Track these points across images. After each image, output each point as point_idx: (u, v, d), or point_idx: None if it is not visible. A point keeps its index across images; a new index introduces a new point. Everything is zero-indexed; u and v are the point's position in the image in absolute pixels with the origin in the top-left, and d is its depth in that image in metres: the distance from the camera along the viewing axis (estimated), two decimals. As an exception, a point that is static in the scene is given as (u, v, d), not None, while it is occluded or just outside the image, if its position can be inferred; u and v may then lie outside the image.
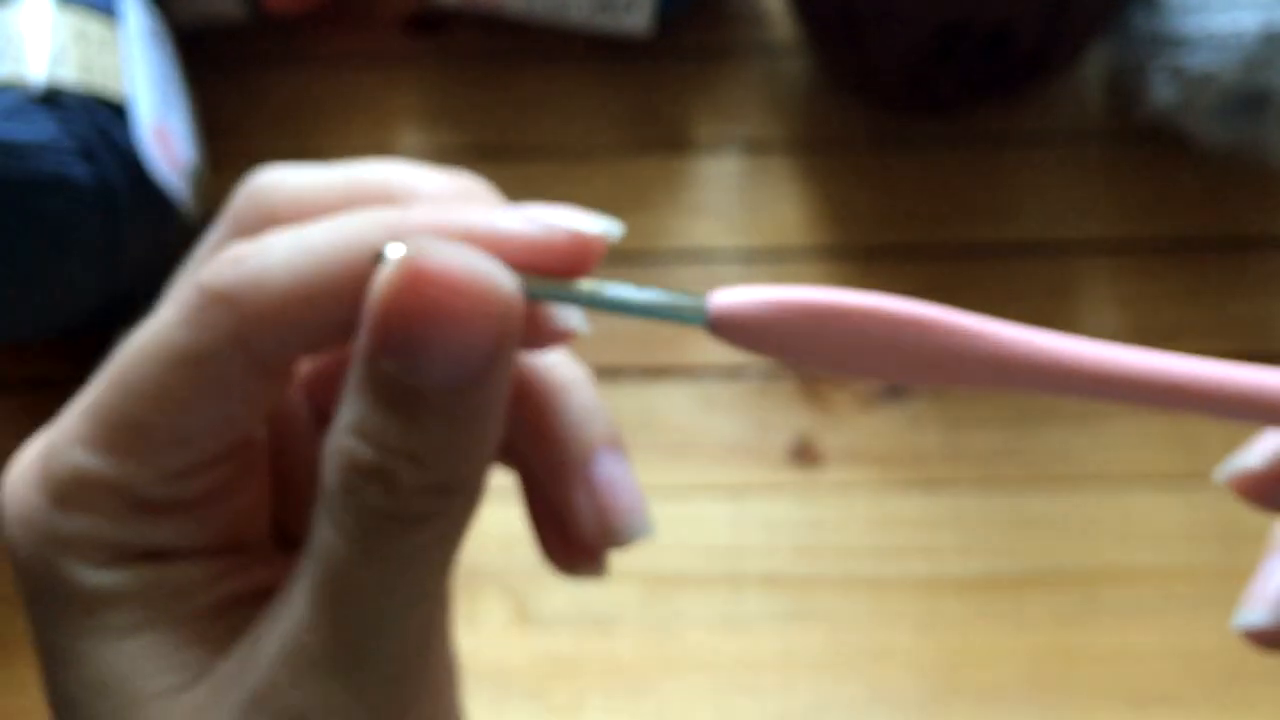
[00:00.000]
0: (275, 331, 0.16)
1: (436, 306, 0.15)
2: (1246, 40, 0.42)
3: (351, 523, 0.16)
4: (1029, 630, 0.42)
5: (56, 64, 0.41)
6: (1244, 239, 0.48)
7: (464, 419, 0.16)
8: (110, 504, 0.17)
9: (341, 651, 0.16)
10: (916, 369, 0.17)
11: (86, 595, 0.17)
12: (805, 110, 0.52)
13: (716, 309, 0.16)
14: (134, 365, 0.16)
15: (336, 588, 0.16)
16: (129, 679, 0.17)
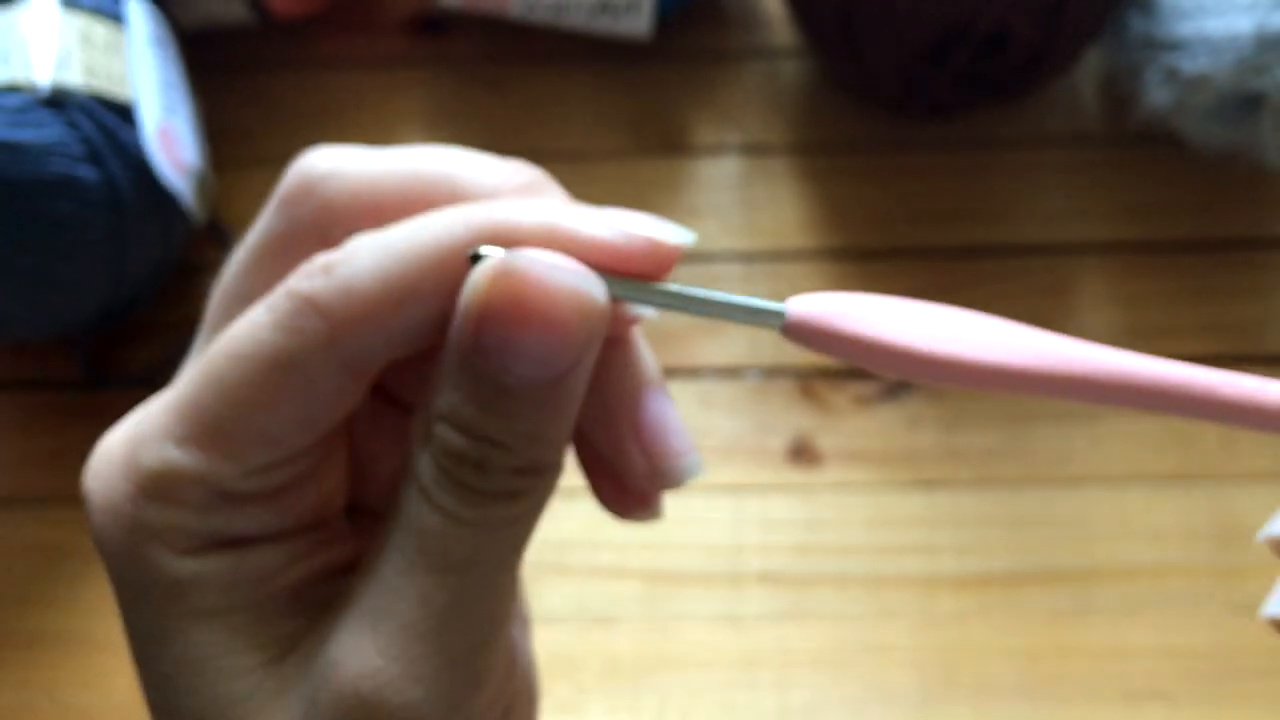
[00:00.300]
0: (365, 337, 0.17)
1: (532, 312, 0.16)
2: (1241, 43, 0.42)
3: (446, 499, 0.17)
4: (1025, 627, 0.42)
5: (62, 67, 0.41)
6: (1238, 240, 0.48)
7: (548, 411, 0.17)
8: (197, 496, 0.17)
9: (430, 619, 0.17)
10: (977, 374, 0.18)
11: (172, 581, 0.18)
12: (804, 113, 0.52)
13: (793, 315, 0.17)
14: (227, 365, 0.17)
15: (428, 559, 0.17)
16: (219, 656, 0.18)
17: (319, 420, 0.18)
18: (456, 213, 0.17)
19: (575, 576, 0.43)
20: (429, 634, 0.17)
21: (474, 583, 0.17)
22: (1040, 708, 0.41)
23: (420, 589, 0.17)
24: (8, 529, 0.45)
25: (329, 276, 0.17)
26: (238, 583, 0.18)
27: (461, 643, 0.17)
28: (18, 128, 0.40)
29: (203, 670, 0.18)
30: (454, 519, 0.17)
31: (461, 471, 0.17)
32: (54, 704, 0.42)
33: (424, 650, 0.17)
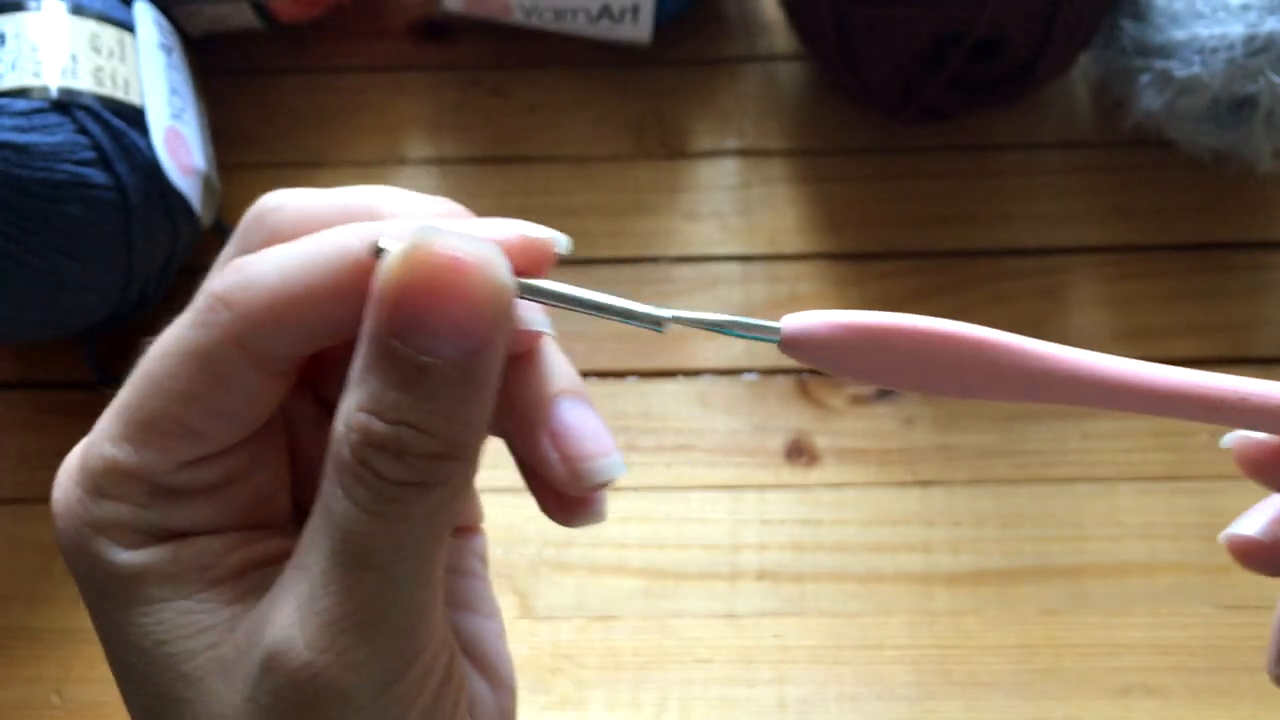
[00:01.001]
0: (268, 330, 0.18)
1: (444, 285, 0.17)
2: (1232, 48, 0.43)
3: (365, 492, 0.17)
4: (1018, 623, 0.42)
5: (70, 71, 0.41)
6: (1229, 243, 0.49)
7: (467, 389, 0.17)
8: (136, 491, 0.19)
9: (356, 610, 0.18)
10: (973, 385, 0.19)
11: (122, 572, 0.19)
12: (801, 117, 0.52)
13: (789, 331, 0.18)
14: (153, 365, 0.19)
15: (352, 552, 0.17)
16: (169, 642, 0.19)
17: (239, 413, 0.19)
18: (354, 226, 0.18)
19: (576, 573, 0.44)
20: (356, 626, 0.18)
21: (396, 576, 0.18)
22: (1033, 701, 0.41)
23: (344, 583, 0.18)
24: (17, 527, 0.45)
25: (237, 274, 0.18)
26: (180, 571, 0.19)
27: (389, 630, 0.18)
28: (27, 131, 0.40)
29: (155, 658, 0.19)
30: (374, 514, 0.17)
31: (381, 461, 0.17)
32: (63, 700, 0.43)
33: (351, 641, 0.18)
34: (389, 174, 0.52)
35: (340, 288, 0.18)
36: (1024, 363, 0.19)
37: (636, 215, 0.50)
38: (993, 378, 0.19)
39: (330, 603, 0.17)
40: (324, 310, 0.18)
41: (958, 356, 0.18)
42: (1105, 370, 0.19)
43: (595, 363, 0.47)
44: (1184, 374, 0.19)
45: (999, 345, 0.19)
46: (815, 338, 0.18)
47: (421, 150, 0.52)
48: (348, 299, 0.18)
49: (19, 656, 0.43)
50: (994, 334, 0.19)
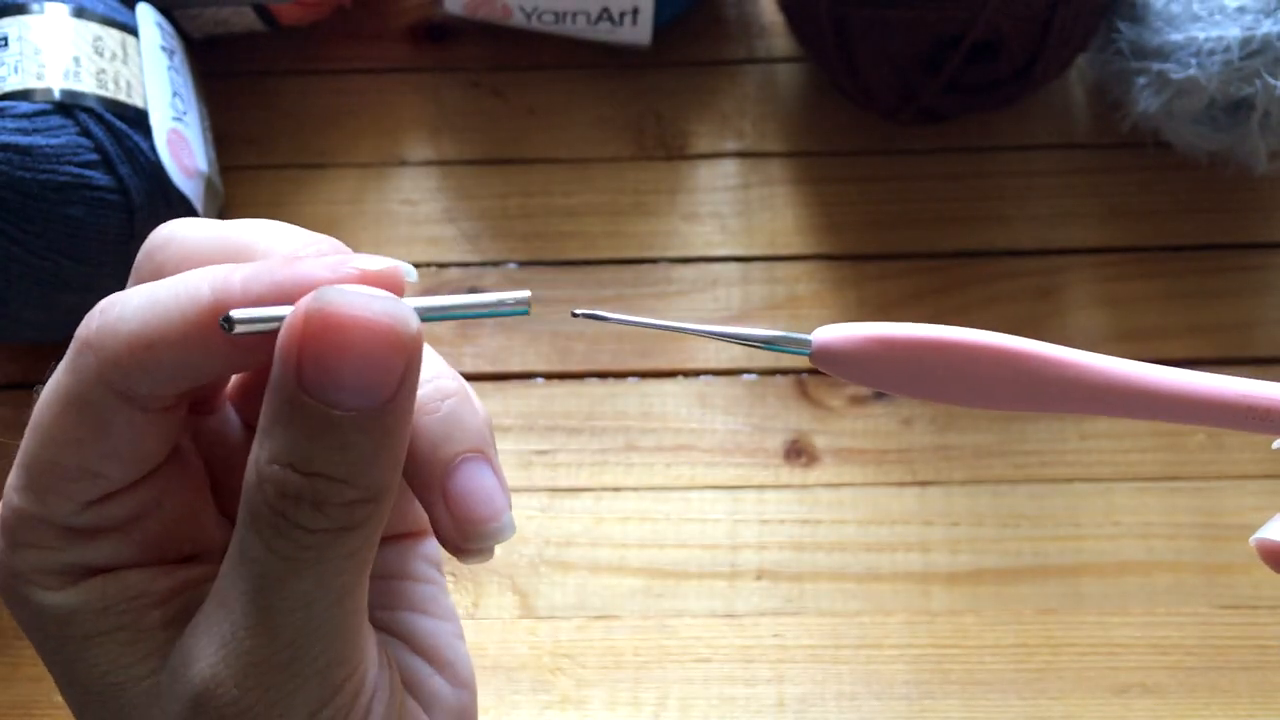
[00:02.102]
0: (131, 372, 0.18)
1: (349, 341, 0.17)
2: (1229, 50, 0.43)
3: (284, 542, 0.17)
4: (1016, 622, 0.43)
5: (74, 74, 0.42)
6: (1226, 244, 0.49)
7: (379, 436, 0.17)
8: (49, 536, 0.19)
9: (282, 649, 0.18)
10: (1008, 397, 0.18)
11: (53, 614, 0.19)
12: (800, 119, 0.52)
13: (820, 344, 0.18)
14: (39, 414, 0.19)
15: (272, 597, 0.18)
16: (110, 672, 0.19)
17: (124, 453, 0.19)
18: (208, 271, 0.18)
19: (577, 572, 0.44)
20: (281, 664, 0.18)
21: (319, 614, 0.18)
22: (1031, 700, 0.41)
23: (267, 625, 0.18)
24: (20, 526, 0.46)
25: (101, 316, 0.18)
26: (109, 606, 0.19)
27: (313, 664, 0.18)
28: (30, 133, 0.40)
29: (100, 690, 0.19)
30: (292, 560, 0.18)
31: (298, 512, 0.17)
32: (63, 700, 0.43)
33: (279, 679, 0.18)
34: (390, 175, 0.52)
35: (189, 335, 0.18)
36: (1059, 374, 0.18)
37: (636, 216, 0.50)
38: (1029, 390, 0.18)
39: (254, 644, 0.18)
40: (181, 355, 0.18)
41: (993, 368, 0.18)
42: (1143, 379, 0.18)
43: (595, 363, 0.47)
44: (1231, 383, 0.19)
45: (1034, 356, 0.18)
46: (847, 351, 0.18)
47: (422, 152, 0.52)
48: (201, 344, 0.18)
49: (21, 656, 0.43)
50: (1029, 344, 0.18)
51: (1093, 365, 0.18)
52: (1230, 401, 0.19)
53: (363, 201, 0.51)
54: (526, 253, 0.50)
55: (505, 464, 0.43)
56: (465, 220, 0.51)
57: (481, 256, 0.50)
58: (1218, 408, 0.19)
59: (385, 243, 0.50)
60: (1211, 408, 0.19)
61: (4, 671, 0.43)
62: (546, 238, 0.50)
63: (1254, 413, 0.19)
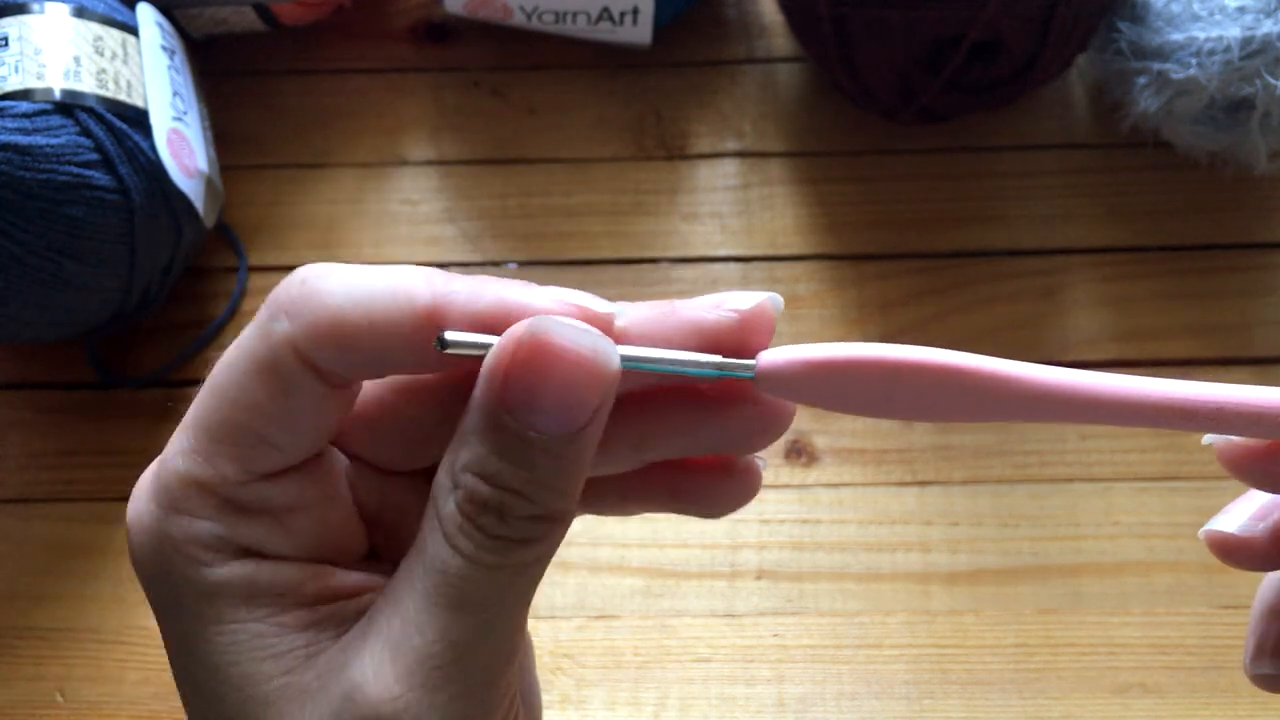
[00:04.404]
0: (326, 347, 0.18)
1: (554, 371, 0.18)
2: (1229, 50, 0.43)
3: (467, 544, 0.18)
4: (1015, 622, 0.43)
5: (74, 73, 0.42)
6: (1226, 244, 0.49)
7: (566, 463, 0.18)
8: (210, 505, 0.19)
9: (448, 650, 0.18)
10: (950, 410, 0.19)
11: (199, 588, 0.19)
12: (800, 119, 0.53)
13: (762, 369, 0.19)
14: (219, 376, 0.19)
15: (450, 595, 0.18)
16: (241, 662, 0.19)
17: (303, 423, 0.19)
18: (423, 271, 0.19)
19: (577, 572, 0.44)
20: (446, 666, 0.18)
21: (490, 621, 0.19)
22: (1030, 700, 0.41)
23: (440, 624, 0.18)
24: (21, 526, 0.46)
25: (303, 287, 0.19)
26: (257, 593, 0.19)
27: (476, 674, 0.19)
28: (30, 133, 0.40)
29: (228, 677, 0.19)
30: (474, 562, 0.18)
31: (484, 519, 0.18)
32: (66, 699, 0.43)
33: (441, 680, 0.18)
34: (390, 175, 0.52)
35: (396, 331, 0.18)
36: (995, 387, 0.19)
37: (636, 216, 0.51)
38: (967, 403, 0.19)
39: (422, 642, 0.18)
40: (381, 345, 0.18)
41: (931, 384, 0.19)
42: (1079, 387, 0.19)
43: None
44: (1160, 385, 0.19)
45: (969, 370, 0.19)
46: (789, 376, 0.19)
47: (422, 152, 0.52)
48: (402, 342, 0.18)
49: (22, 655, 0.43)
50: (965, 359, 0.19)
51: (1026, 376, 0.19)
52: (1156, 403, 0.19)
53: (363, 201, 0.51)
54: (527, 253, 0.50)
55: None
56: (465, 220, 0.51)
57: (482, 256, 0.50)
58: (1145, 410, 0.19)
59: (385, 243, 0.50)
60: (1139, 410, 0.19)
61: (4, 671, 0.43)
62: (547, 237, 0.50)
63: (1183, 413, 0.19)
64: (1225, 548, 0.23)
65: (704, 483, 0.22)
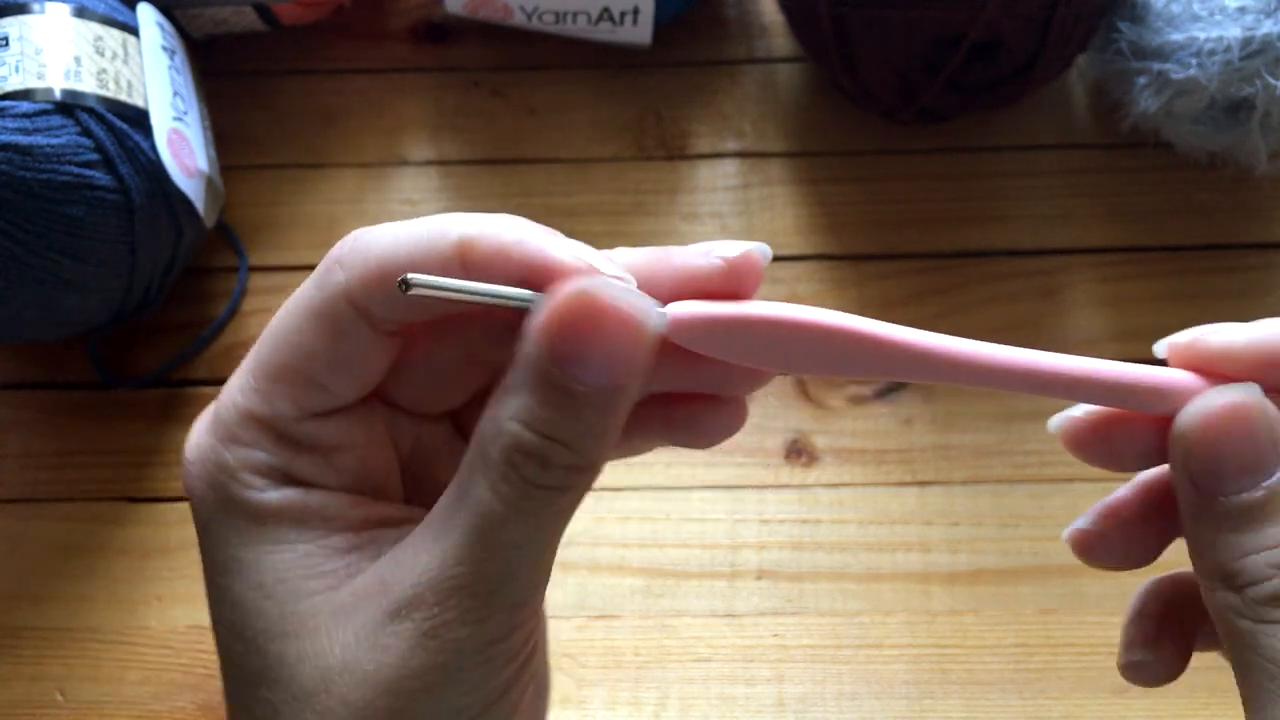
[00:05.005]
0: (377, 289, 0.20)
1: (602, 328, 0.19)
2: (1229, 50, 0.43)
3: (508, 489, 0.20)
4: (1016, 622, 0.43)
5: (75, 73, 0.42)
6: (1226, 244, 0.49)
7: (609, 416, 0.20)
8: (265, 438, 0.21)
9: (483, 581, 0.20)
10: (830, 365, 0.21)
11: (253, 510, 0.21)
12: (800, 119, 0.53)
13: (672, 319, 0.21)
14: (278, 323, 0.21)
15: (488, 536, 0.20)
16: (287, 580, 0.21)
17: (354, 367, 0.21)
18: (456, 215, 0.21)
19: (577, 572, 0.44)
20: (480, 594, 0.20)
21: (521, 557, 0.20)
22: (1031, 701, 0.41)
23: (476, 559, 0.20)
24: (21, 526, 0.46)
25: (354, 241, 0.21)
26: (306, 517, 0.22)
27: (505, 601, 0.21)
28: (31, 133, 0.40)
29: (274, 593, 0.21)
30: (514, 506, 0.20)
31: (528, 467, 0.20)
32: (66, 698, 0.43)
33: (474, 604, 0.20)
34: (390, 175, 0.52)
35: (434, 262, 0.20)
36: (868, 346, 0.21)
37: (636, 216, 0.51)
38: (846, 360, 0.21)
39: (462, 571, 0.20)
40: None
41: (814, 341, 0.21)
42: (942, 349, 0.21)
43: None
44: (1023, 353, 0.21)
45: (846, 330, 0.21)
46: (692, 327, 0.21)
47: (422, 152, 0.52)
48: (440, 272, 0.20)
49: (23, 655, 0.43)
50: (844, 320, 0.21)
51: (894, 337, 0.21)
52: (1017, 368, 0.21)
53: (363, 201, 0.51)
54: (527, 252, 0.50)
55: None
56: (466, 220, 0.51)
57: (482, 256, 0.50)
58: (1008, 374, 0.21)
59: (386, 242, 0.50)
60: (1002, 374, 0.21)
61: (5, 671, 0.43)
62: (547, 237, 0.50)
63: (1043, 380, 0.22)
64: (1082, 545, 0.25)
65: (693, 412, 0.24)
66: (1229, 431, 0.22)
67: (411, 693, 0.20)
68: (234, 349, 0.48)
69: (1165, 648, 0.26)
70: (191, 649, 0.43)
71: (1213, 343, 0.23)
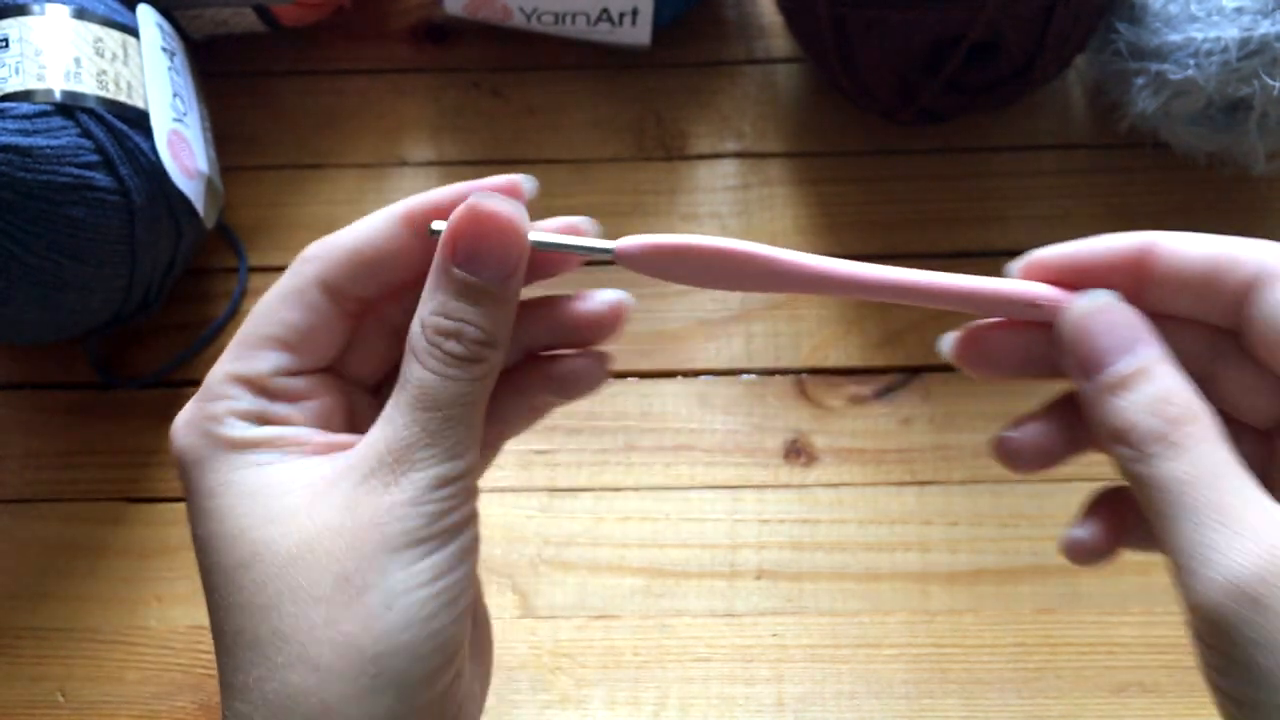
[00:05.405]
0: (342, 271, 0.27)
1: (489, 230, 0.26)
2: (1227, 51, 0.43)
3: (434, 363, 0.26)
4: (1014, 622, 0.43)
5: (75, 75, 0.42)
6: (1224, 244, 0.49)
7: (501, 301, 0.26)
8: (246, 390, 0.27)
9: (426, 435, 0.26)
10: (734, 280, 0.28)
11: (234, 442, 0.27)
12: (800, 120, 0.53)
13: (619, 249, 0.28)
14: (259, 305, 0.27)
15: (425, 400, 0.26)
16: (269, 485, 0.26)
17: (317, 336, 0.27)
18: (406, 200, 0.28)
19: (577, 572, 0.44)
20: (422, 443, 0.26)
21: (455, 415, 0.26)
22: (1029, 700, 0.42)
23: (419, 420, 0.26)
24: (21, 526, 0.46)
25: (320, 241, 0.27)
26: (285, 443, 0.27)
27: (444, 446, 0.26)
28: (31, 134, 0.40)
29: (258, 496, 0.26)
30: (440, 375, 0.26)
31: (447, 343, 0.26)
32: (67, 698, 0.43)
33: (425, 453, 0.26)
34: (390, 175, 0.52)
35: (388, 234, 0.27)
36: (769, 265, 0.28)
37: (636, 216, 0.51)
38: (747, 275, 0.28)
39: (411, 431, 0.26)
40: (378, 255, 0.27)
41: (726, 263, 0.28)
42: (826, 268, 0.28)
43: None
44: (909, 272, 0.29)
45: (751, 254, 0.28)
46: (636, 254, 0.28)
47: (422, 152, 0.53)
48: (393, 242, 0.27)
49: (23, 655, 0.44)
50: (749, 246, 0.28)
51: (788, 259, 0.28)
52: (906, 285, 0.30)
53: (363, 202, 0.51)
54: (526, 253, 0.50)
55: (505, 464, 0.44)
56: (465, 220, 0.51)
57: (481, 257, 0.50)
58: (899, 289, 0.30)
59: (385, 243, 0.50)
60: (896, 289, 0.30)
61: (5, 671, 0.43)
62: (546, 238, 0.50)
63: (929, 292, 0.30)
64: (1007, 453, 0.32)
65: (567, 367, 0.30)
66: (1101, 324, 0.28)
67: (383, 530, 0.26)
68: (234, 349, 0.48)
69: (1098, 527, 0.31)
70: (191, 649, 0.43)
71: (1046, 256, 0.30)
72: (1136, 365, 0.28)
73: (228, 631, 0.26)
